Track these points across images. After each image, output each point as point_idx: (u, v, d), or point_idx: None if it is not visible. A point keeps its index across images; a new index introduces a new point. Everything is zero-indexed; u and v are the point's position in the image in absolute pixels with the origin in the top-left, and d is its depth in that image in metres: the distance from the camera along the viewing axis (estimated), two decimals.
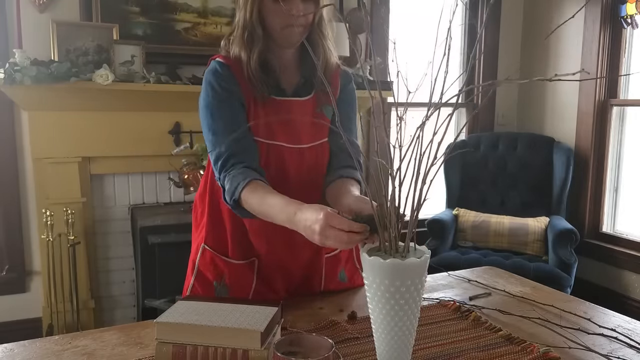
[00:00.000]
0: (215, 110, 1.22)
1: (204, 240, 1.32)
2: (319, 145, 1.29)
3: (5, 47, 2.57)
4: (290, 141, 1.25)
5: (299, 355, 0.84)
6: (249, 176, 1.15)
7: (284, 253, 1.29)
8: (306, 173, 1.27)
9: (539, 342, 1.06)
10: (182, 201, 3.00)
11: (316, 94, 1.28)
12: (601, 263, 3.41)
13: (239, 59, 1.23)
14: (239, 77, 1.23)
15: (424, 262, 0.87)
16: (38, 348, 1.05)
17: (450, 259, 3.05)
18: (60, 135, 2.65)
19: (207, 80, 1.24)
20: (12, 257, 2.74)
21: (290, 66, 1.29)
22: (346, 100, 1.33)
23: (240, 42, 1.22)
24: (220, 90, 1.22)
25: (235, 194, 1.14)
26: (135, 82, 2.61)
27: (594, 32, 3.34)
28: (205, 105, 1.24)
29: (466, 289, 1.39)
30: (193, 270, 1.33)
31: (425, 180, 0.87)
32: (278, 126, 1.24)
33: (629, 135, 3.38)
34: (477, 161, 3.56)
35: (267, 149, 1.23)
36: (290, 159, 1.25)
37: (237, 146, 1.19)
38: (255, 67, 1.20)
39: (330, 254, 1.38)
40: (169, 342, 0.91)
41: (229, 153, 1.18)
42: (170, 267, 2.42)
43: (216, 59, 1.25)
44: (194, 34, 2.89)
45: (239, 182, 1.14)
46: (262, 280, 1.32)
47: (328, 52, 1.26)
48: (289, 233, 1.23)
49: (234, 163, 1.18)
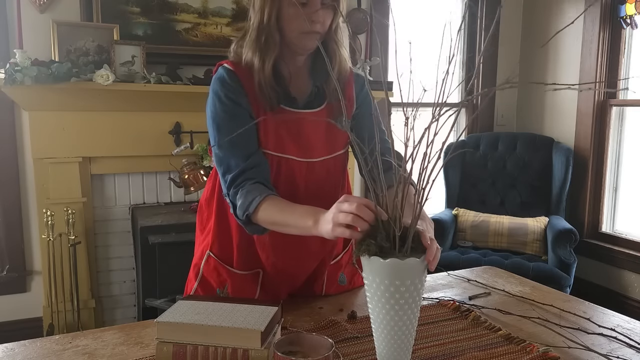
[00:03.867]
0: (222, 123, 1.17)
1: (209, 247, 1.30)
2: (332, 159, 1.26)
3: (5, 47, 2.58)
4: (301, 154, 1.21)
5: (299, 354, 0.84)
6: (264, 192, 1.12)
7: (290, 265, 1.28)
8: (315, 187, 1.23)
9: (538, 342, 1.06)
10: (183, 201, 3.00)
11: (329, 104, 1.24)
12: (600, 263, 3.41)
13: (250, 65, 1.18)
14: (247, 85, 1.18)
15: (423, 262, 0.88)
16: (39, 348, 1.05)
17: (450, 258, 3.05)
18: (61, 135, 2.65)
19: (214, 90, 1.19)
20: (13, 257, 2.74)
21: (301, 74, 1.24)
22: (366, 104, 1.29)
23: (254, 47, 1.17)
24: (227, 102, 1.17)
25: (250, 208, 1.10)
26: (135, 82, 2.61)
27: (593, 33, 3.34)
28: (212, 117, 1.19)
29: (466, 288, 1.40)
30: (196, 274, 1.32)
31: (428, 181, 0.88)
32: (289, 138, 1.20)
33: (628, 136, 3.38)
34: (477, 161, 3.57)
35: (277, 162, 1.20)
36: (300, 172, 1.22)
37: (248, 162, 1.15)
38: (269, 74, 1.16)
39: (333, 262, 1.37)
40: (169, 342, 0.91)
41: (240, 169, 1.14)
42: (170, 267, 2.42)
43: (224, 65, 1.21)
44: (195, 34, 2.89)
45: (255, 197, 1.10)
46: (265, 291, 1.31)
47: (342, 59, 1.23)
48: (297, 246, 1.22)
49: (247, 179, 1.14)
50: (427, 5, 3.59)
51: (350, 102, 1.28)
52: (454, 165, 3.54)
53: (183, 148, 2.80)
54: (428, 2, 3.60)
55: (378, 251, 0.87)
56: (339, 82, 1.20)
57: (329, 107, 1.24)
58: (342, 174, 1.32)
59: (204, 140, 2.85)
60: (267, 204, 1.10)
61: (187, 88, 2.70)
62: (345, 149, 1.30)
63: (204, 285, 1.31)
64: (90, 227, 2.82)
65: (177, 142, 2.85)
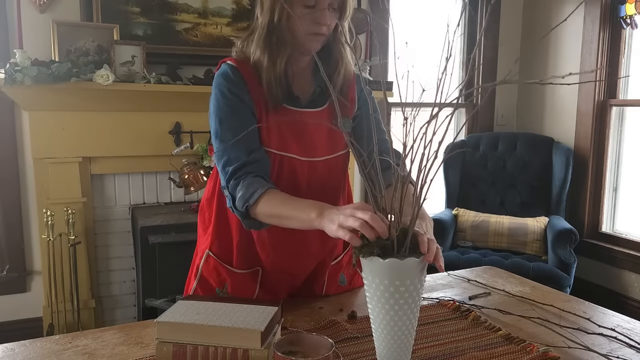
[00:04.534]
0: (224, 117, 1.17)
1: (209, 247, 1.30)
2: (334, 159, 1.26)
3: (5, 48, 2.58)
4: (304, 153, 1.21)
5: (299, 354, 0.84)
6: (266, 185, 1.11)
7: (290, 263, 1.28)
8: (317, 186, 1.24)
9: (538, 342, 1.06)
10: (183, 201, 3.01)
11: (331, 104, 1.24)
12: (600, 263, 3.41)
13: (259, 64, 1.18)
14: (250, 83, 1.18)
15: (422, 262, 0.88)
16: (39, 348, 1.05)
17: (450, 258, 3.05)
18: (61, 135, 2.65)
19: (217, 84, 1.19)
20: (13, 257, 2.75)
21: (304, 73, 1.25)
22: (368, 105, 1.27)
23: (262, 46, 1.17)
24: (230, 96, 1.17)
25: (251, 200, 1.10)
26: (135, 82, 2.61)
27: (593, 33, 3.34)
28: (214, 111, 1.19)
29: (466, 288, 1.40)
30: (196, 274, 1.32)
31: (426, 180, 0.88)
32: (291, 137, 1.20)
33: (628, 135, 3.38)
34: (477, 161, 3.57)
35: (279, 160, 1.20)
36: (302, 171, 1.22)
37: (250, 157, 1.15)
38: (281, 72, 1.16)
39: (334, 262, 1.37)
40: (169, 342, 0.91)
41: (242, 162, 1.14)
42: (170, 267, 2.42)
43: (227, 62, 1.21)
44: (195, 34, 2.89)
45: (257, 189, 1.10)
46: (264, 290, 1.31)
47: (348, 62, 1.23)
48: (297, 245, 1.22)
49: (248, 172, 1.14)
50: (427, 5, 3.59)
51: (352, 103, 1.28)
52: (454, 165, 3.54)
53: (183, 148, 2.80)
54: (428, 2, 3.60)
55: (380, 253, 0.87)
56: (343, 84, 1.21)
57: (332, 107, 1.24)
58: (343, 174, 1.32)
59: (204, 140, 2.85)
60: (269, 196, 1.10)
61: (187, 88, 2.70)
62: (347, 149, 1.29)
63: (203, 284, 1.31)
64: (90, 227, 2.82)
65: (177, 142, 2.85)
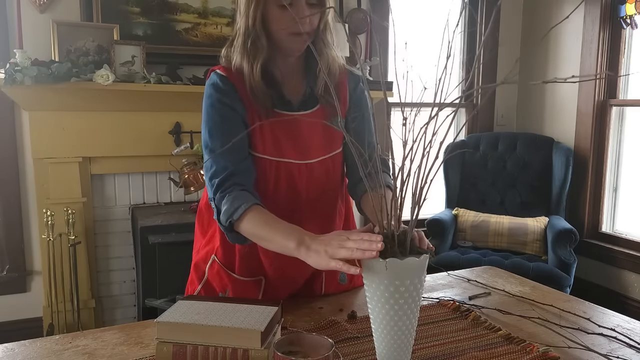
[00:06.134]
0: (214, 128, 1.16)
1: (214, 252, 1.29)
2: (329, 159, 1.25)
3: (5, 48, 2.58)
4: (299, 156, 1.20)
5: (299, 354, 0.84)
6: (251, 200, 1.10)
7: (292, 269, 1.26)
8: (316, 189, 1.23)
9: (538, 342, 1.06)
10: (183, 201, 3.00)
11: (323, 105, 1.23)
12: (600, 263, 3.41)
13: (240, 70, 1.16)
14: (241, 91, 1.17)
15: (423, 262, 0.88)
16: (39, 348, 1.05)
17: (450, 258, 3.05)
18: (61, 135, 2.65)
19: (207, 95, 1.18)
20: (13, 257, 2.75)
21: (294, 75, 1.23)
22: (358, 103, 1.28)
23: (242, 51, 1.15)
24: (220, 107, 1.16)
25: (235, 215, 1.08)
26: (135, 82, 2.61)
27: (593, 33, 3.34)
28: (205, 121, 1.18)
29: (466, 288, 1.40)
30: (200, 277, 1.31)
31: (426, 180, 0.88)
32: (287, 142, 1.19)
33: (628, 136, 3.38)
34: (477, 161, 3.56)
35: (276, 166, 1.19)
36: (300, 175, 1.21)
37: (236, 167, 1.14)
38: (258, 78, 1.14)
39: None
40: (169, 342, 0.91)
41: (227, 173, 1.12)
42: (170, 267, 2.42)
43: (216, 71, 1.19)
44: (195, 34, 2.89)
45: (241, 204, 1.09)
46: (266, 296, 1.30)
47: (331, 59, 1.21)
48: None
49: (234, 184, 1.12)
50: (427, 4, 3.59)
51: (343, 101, 1.26)
52: (454, 165, 3.54)
53: (183, 148, 2.80)
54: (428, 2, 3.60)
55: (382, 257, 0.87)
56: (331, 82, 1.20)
57: (324, 108, 1.23)
58: (341, 174, 1.32)
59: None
60: (253, 214, 1.08)
61: (187, 88, 2.70)
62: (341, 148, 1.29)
63: (207, 288, 1.31)
64: (90, 227, 2.82)
65: (177, 142, 2.85)
